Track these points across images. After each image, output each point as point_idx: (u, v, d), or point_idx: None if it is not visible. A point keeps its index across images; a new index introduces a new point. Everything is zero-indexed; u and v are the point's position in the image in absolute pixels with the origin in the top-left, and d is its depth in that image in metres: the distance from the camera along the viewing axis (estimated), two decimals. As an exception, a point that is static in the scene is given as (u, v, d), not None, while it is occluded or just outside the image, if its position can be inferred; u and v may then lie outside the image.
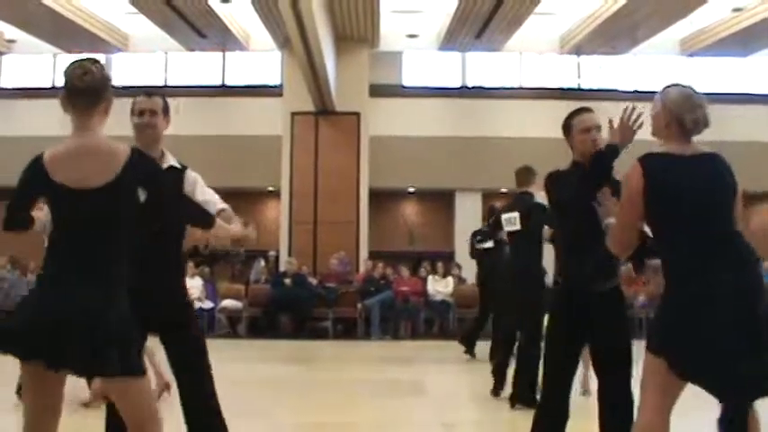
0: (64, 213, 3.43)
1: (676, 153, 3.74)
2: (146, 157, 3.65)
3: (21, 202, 3.58)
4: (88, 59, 3.59)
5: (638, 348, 4.08)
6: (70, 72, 3.52)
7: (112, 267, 3.39)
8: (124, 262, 3.43)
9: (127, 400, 3.41)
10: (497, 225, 8.80)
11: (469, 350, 12.40)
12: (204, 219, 4.00)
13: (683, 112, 3.76)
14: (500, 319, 10.13)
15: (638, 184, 3.69)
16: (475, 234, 12.48)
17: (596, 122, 4.67)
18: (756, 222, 11.66)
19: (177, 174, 4.47)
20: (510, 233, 8.33)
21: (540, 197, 7.56)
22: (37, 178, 3.44)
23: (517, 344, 8.45)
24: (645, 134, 4.18)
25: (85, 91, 3.50)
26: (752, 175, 19.69)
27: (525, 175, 8.40)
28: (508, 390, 8.18)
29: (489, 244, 11.34)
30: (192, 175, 4.56)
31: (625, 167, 3.90)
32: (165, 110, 4.49)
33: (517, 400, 7.78)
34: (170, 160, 4.49)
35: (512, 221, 8.23)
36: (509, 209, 8.43)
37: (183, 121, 19.96)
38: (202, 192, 4.52)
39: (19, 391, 6.97)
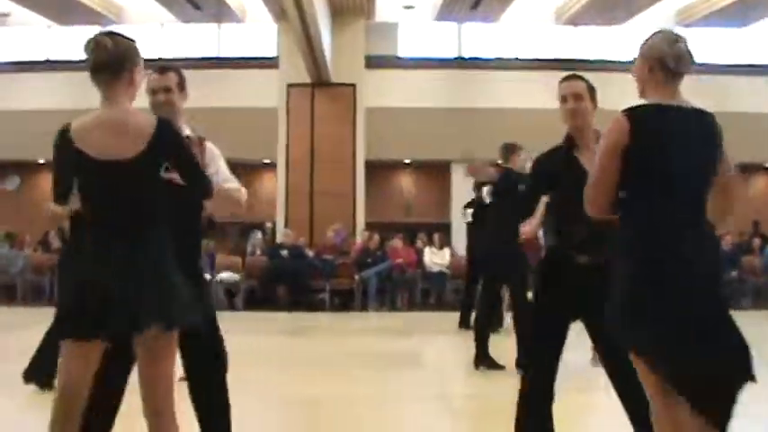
0: (91, 185, 3.46)
1: (664, 103, 3.44)
2: (172, 129, 3.65)
3: (62, 176, 3.55)
4: (106, 33, 3.59)
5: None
6: (84, 47, 3.53)
7: (144, 234, 3.44)
8: (157, 229, 3.48)
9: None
10: (479, 198, 9.14)
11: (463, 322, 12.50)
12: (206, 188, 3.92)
13: (662, 49, 3.47)
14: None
15: (620, 136, 3.38)
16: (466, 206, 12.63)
17: (573, 91, 4.42)
18: None
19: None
20: (490, 205, 8.65)
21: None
22: (67, 150, 3.45)
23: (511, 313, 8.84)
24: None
25: (100, 65, 3.50)
26: (751, 146, 19.74)
27: (502, 152, 8.63)
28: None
29: (469, 218, 11.54)
30: (209, 147, 4.50)
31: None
32: (181, 84, 4.40)
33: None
34: (186, 133, 4.41)
35: (490, 193, 8.55)
36: (488, 182, 8.75)
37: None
38: (215, 165, 4.46)
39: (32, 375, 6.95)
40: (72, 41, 20.53)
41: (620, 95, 4.82)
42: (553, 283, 4.49)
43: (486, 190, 8.78)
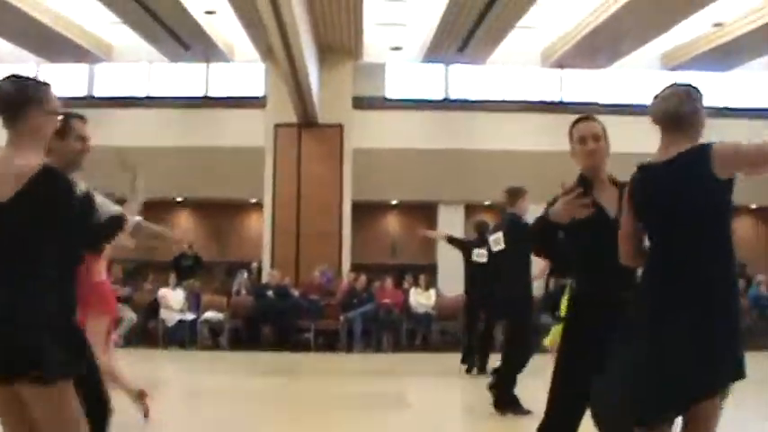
0: None
1: (652, 162, 3.76)
2: (58, 176, 3.50)
3: None
4: (8, 77, 3.55)
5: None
6: None
7: (23, 281, 3.36)
8: (37, 276, 3.39)
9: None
10: (482, 242, 9.14)
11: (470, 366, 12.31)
12: (117, 223, 3.89)
13: (654, 108, 3.79)
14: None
15: (627, 195, 3.83)
16: (470, 245, 12.61)
17: (592, 131, 4.40)
18: None
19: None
20: (497, 252, 8.64)
21: (533, 212, 7.93)
22: None
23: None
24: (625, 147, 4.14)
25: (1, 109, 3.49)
26: (737, 188, 19.85)
27: (511, 195, 8.63)
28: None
29: (484, 259, 11.42)
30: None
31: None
32: None
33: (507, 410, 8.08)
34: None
35: (498, 242, 8.56)
36: (495, 229, 8.76)
37: (166, 132, 19.99)
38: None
39: None
40: (61, 79, 20.60)
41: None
42: (585, 325, 4.29)
43: (493, 239, 8.80)
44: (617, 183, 4.35)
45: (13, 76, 3.57)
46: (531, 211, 8.40)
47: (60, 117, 3.72)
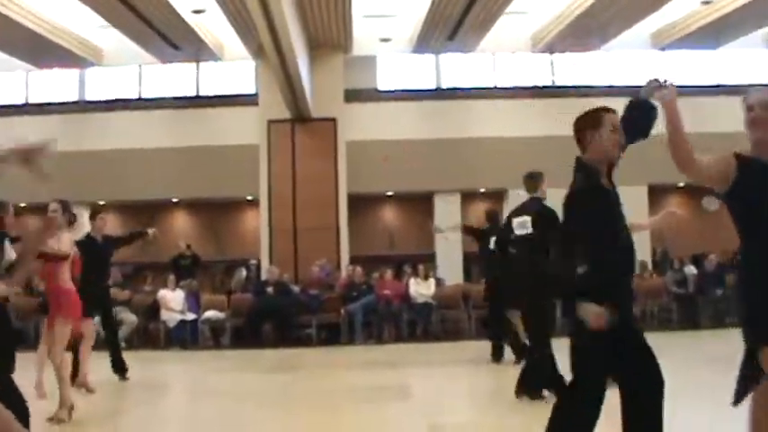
0: None
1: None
2: None
3: None
4: None
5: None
6: None
7: None
8: None
9: None
10: (508, 228, 8.61)
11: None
12: None
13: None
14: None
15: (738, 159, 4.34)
16: (487, 233, 12.03)
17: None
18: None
19: None
20: (519, 237, 8.27)
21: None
22: None
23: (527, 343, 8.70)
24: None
25: None
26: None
27: (533, 180, 8.23)
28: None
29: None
30: None
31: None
32: None
33: (524, 392, 7.95)
34: None
35: (524, 225, 8.17)
36: (519, 212, 8.35)
37: (159, 133, 19.98)
38: None
39: None
40: (52, 85, 20.56)
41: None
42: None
43: (519, 221, 8.41)
44: None
45: None
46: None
47: None
